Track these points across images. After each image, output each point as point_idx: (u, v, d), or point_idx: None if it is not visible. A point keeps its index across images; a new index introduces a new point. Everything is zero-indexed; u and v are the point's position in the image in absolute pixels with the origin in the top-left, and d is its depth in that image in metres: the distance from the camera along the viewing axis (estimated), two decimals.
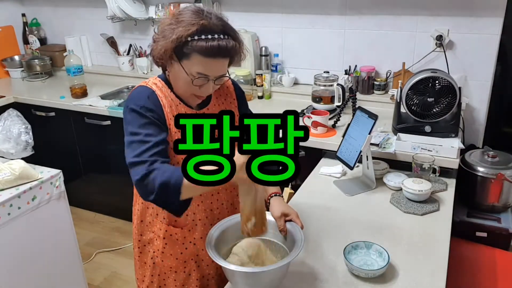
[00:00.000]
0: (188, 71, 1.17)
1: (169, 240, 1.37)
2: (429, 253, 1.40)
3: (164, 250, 1.38)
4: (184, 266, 1.41)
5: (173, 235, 1.37)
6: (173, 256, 1.39)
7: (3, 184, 1.76)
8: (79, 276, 2.16)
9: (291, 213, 1.31)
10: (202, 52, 1.13)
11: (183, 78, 1.19)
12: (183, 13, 1.16)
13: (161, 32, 1.18)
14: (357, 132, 1.77)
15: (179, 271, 1.41)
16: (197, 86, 1.20)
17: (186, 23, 1.13)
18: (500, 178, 1.98)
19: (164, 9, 2.96)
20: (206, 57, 1.14)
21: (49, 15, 3.61)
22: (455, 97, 1.97)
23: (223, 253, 1.24)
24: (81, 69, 3.33)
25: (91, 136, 2.95)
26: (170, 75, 1.25)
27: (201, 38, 1.12)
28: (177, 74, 1.21)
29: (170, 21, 1.17)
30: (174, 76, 1.23)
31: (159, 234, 1.38)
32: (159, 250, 1.39)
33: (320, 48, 2.71)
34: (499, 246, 1.94)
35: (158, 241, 1.38)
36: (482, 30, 2.28)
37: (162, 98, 1.24)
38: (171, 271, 1.41)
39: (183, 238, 1.38)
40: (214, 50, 1.13)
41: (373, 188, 1.80)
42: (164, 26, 1.18)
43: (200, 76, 1.18)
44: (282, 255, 1.27)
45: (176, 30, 1.13)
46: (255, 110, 1.60)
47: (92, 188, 3.20)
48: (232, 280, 1.19)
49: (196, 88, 1.21)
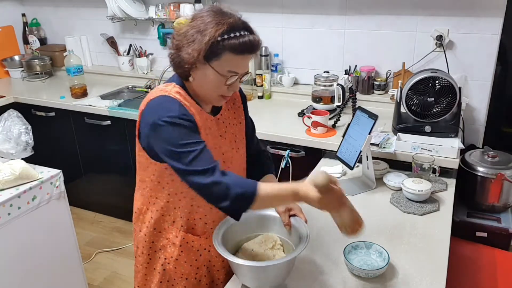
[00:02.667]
0: (219, 71, 1.17)
1: (185, 247, 1.36)
2: (429, 253, 1.40)
3: (179, 257, 1.37)
4: (196, 273, 1.40)
5: (190, 243, 1.36)
6: (187, 263, 1.38)
7: (3, 184, 1.76)
8: (79, 276, 2.16)
9: (294, 208, 1.32)
10: (234, 49, 1.14)
11: (212, 79, 1.18)
12: (205, 15, 1.16)
13: (185, 37, 1.16)
14: (357, 132, 1.77)
15: (190, 278, 1.40)
16: (226, 86, 1.20)
17: (214, 23, 1.13)
18: (500, 178, 1.98)
19: (164, 9, 2.96)
20: (237, 55, 1.15)
21: (49, 15, 3.61)
22: (455, 97, 1.97)
23: (230, 247, 1.26)
24: (81, 69, 3.33)
25: (91, 136, 2.95)
26: (195, 80, 1.22)
27: (231, 36, 1.13)
28: (205, 77, 1.19)
29: (193, 25, 1.16)
30: (201, 80, 1.21)
31: (174, 241, 1.36)
32: (173, 257, 1.37)
33: (320, 48, 2.71)
34: (499, 246, 1.94)
35: (173, 248, 1.37)
36: (482, 30, 2.28)
37: (190, 107, 1.23)
38: (182, 278, 1.39)
39: (199, 245, 1.37)
40: (245, 47, 1.15)
41: (373, 188, 1.80)
42: (187, 31, 1.16)
43: (232, 75, 1.18)
44: (287, 250, 1.28)
45: (205, 32, 1.12)
46: (255, 110, 1.60)
47: (92, 188, 3.20)
48: (238, 274, 1.19)
49: (225, 88, 1.21)
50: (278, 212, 1.32)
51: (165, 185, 1.30)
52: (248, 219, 1.32)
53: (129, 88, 3.22)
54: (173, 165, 1.16)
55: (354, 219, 1.16)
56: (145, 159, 1.31)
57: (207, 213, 1.34)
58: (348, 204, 1.15)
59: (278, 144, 2.24)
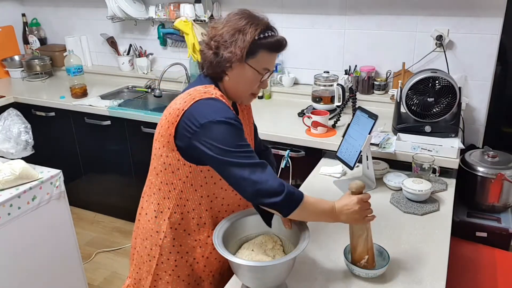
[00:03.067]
0: (257, 68, 1.24)
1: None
2: (429, 253, 1.40)
3: (210, 255, 1.38)
4: (222, 268, 1.41)
5: None
6: (217, 259, 1.39)
7: (3, 184, 1.76)
8: (79, 276, 2.16)
9: None
10: (270, 48, 1.23)
11: (249, 77, 1.25)
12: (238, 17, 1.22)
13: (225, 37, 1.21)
14: (357, 132, 1.77)
15: (216, 274, 1.41)
16: (258, 84, 1.27)
17: (252, 24, 1.20)
18: (500, 178, 1.98)
19: (164, 9, 2.96)
20: (272, 52, 1.25)
21: (49, 15, 3.61)
22: (455, 97, 1.97)
23: (231, 246, 1.26)
24: (81, 69, 3.33)
25: (91, 136, 2.95)
26: (230, 79, 1.27)
27: (266, 35, 1.21)
28: (241, 75, 1.25)
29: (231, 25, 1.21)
30: (236, 79, 1.26)
31: (206, 241, 1.36)
32: (204, 255, 1.37)
33: (320, 48, 2.71)
34: (499, 246, 1.94)
35: (204, 247, 1.37)
36: (482, 30, 2.28)
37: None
38: (209, 275, 1.40)
39: None
40: (278, 45, 1.24)
41: (373, 188, 1.80)
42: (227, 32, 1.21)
43: (266, 72, 1.27)
44: (287, 250, 1.28)
45: (245, 31, 1.19)
46: (255, 110, 1.61)
47: (92, 188, 3.20)
48: (238, 273, 1.19)
49: (256, 87, 1.29)
50: None
51: (198, 188, 1.31)
52: (248, 219, 1.33)
53: (129, 88, 3.22)
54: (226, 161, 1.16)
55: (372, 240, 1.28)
56: (176, 160, 1.28)
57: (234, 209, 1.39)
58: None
59: (278, 144, 2.24)
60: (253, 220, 1.33)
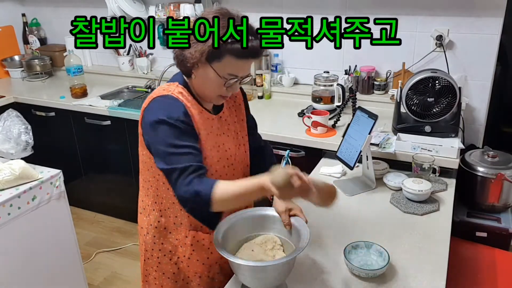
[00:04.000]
0: (220, 73, 1.18)
1: (196, 246, 1.37)
2: (429, 253, 1.40)
3: (191, 256, 1.38)
4: (209, 271, 1.41)
5: (200, 241, 1.37)
6: (199, 261, 1.39)
7: (3, 184, 1.76)
8: (79, 276, 2.16)
9: (295, 208, 1.32)
10: (236, 54, 1.15)
11: (212, 80, 1.20)
12: (210, 17, 1.16)
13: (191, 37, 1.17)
14: (357, 132, 1.77)
15: (203, 276, 1.40)
16: (225, 88, 1.22)
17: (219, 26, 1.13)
18: (500, 178, 1.97)
19: (164, 9, 2.96)
20: (239, 59, 1.16)
21: (49, 15, 3.61)
22: (455, 97, 1.97)
23: (231, 247, 1.26)
24: (81, 69, 3.33)
25: (91, 136, 2.95)
26: (196, 78, 1.24)
27: (234, 40, 1.13)
28: (205, 77, 1.21)
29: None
30: (201, 79, 1.23)
31: (185, 241, 1.36)
32: (185, 256, 1.38)
33: (320, 48, 2.70)
34: (499, 246, 1.94)
35: (184, 248, 1.37)
36: (482, 30, 2.28)
37: (191, 109, 1.24)
38: (196, 276, 1.40)
39: (210, 243, 1.37)
40: (247, 52, 1.16)
41: (373, 188, 1.80)
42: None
43: (232, 78, 1.20)
44: (288, 250, 1.28)
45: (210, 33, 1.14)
46: (255, 110, 1.61)
47: (92, 188, 3.20)
48: (238, 274, 1.19)
49: (224, 89, 1.23)
50: (278, 212, 1.32)
51: (170, 186, 1.30)
52: (249, 219, 1.33)
53: (129, 88, 3.22)
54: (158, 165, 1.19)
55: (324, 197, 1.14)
56: (148, 158, 1.30)
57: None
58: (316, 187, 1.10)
59: (278, 144, 2.23)
60: (253, 220, 1.33)
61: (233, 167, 1.36)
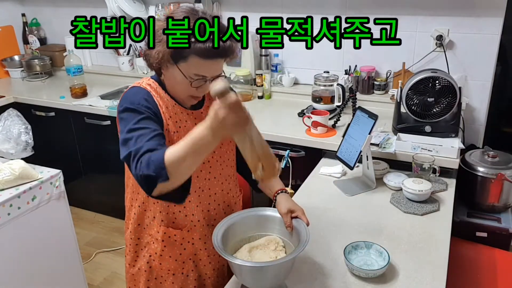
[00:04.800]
0: (186, 74, 1.17)
1: (167, 242, 1.36)
2: (429, 253, 1.40)
3: (163, 252, 1.37)
4: (182, 267, 1.40)
5: (172, 237, 1.36)
6: (172, 258, 1.38)
7: (3, 184, 1.76)
8: (79, 276, 2.16)
9: (297, 210, 1.32)
10: (200, 54, 1.12)
11: (180, 80, 1.19)
12: (177, 15, 1.14)
13: (157, 34, 1.15)
14: (357, 132, 1.77)
15: (177, 273, 1.40)
16: (194, 88, 1.20)
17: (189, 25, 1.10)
18: (500, 178, 1.97)
19: (164, 9, 2.96)
20: (204, 59, 1.13)
21: (49, 15, 3.61)
22: (455, 97, 1.97)
23: (230, 247, 1.26)
24: (81, 69, 3.32)
25: (91, 136, 2.95)
26: (166, 78, 1.24)
27: (198, 40, 1.10)
28: (173, 76, 1.20)
29: (164, 24, 1.14)
30: (170, 79, 1.22)
31: (156, 237, 1.36)
32: (157, 253, 1.37)
33: (320, 48, 2.70)
34: (499, 246, 1.94)
35: (156, 244, 1.37)
36: (482, 30, 2.28)
37: (158, 98, 1.23)
38: (169, 274, 1.40)
39: (182, 239, 1.37)
40: (213, 52, 1.12)
41: (373, 188, 1.80)
42: (157, 30, 1.15)
43: (198, 78, 1.17)
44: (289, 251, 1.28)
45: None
46: (255, 110, 1.61)
47: (92, 188, 3.20)
48: (238, 274, 1.19)
49: (193, 90, 1.21)
50: (280, 214, 1.32)
51: None
52: (249, 219, 1.33)
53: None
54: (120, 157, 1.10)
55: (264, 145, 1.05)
56: None
57: (185, 205, 1.33)
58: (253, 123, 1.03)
59: (278, 144, 2.23)
60: (253, 220, 1.33)
61: (209, 164, 1.34)
